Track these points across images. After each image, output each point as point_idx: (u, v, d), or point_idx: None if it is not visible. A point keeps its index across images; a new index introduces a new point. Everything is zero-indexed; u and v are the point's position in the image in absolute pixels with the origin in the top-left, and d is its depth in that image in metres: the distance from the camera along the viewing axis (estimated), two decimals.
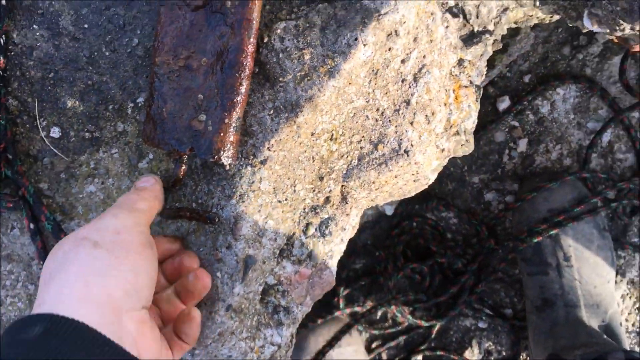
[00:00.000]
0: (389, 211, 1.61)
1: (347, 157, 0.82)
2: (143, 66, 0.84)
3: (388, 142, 0.81)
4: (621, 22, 0.84)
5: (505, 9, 0.95)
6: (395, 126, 0.81)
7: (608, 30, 0.92)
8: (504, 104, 1.56)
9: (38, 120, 0.85)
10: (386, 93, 0.80)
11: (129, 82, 0.84)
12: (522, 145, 1.58)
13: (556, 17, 1.00)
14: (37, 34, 0.85)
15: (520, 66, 1.57)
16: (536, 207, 1.45)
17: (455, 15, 0.86)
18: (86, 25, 0.84)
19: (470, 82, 0.88)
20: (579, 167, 1.57)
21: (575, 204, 1.42)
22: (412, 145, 0.81)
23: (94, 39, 0.84)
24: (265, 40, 0.77)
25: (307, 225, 0.84)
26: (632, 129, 1.54)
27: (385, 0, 0.75)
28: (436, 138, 0.83)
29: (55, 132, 0.86)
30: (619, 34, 0.91)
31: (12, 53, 0.85)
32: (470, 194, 1.64)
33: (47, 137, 0.85)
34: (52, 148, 0.85)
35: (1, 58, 0.82)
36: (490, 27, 0.94)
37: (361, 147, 0.82)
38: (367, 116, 0.80)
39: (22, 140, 0.87)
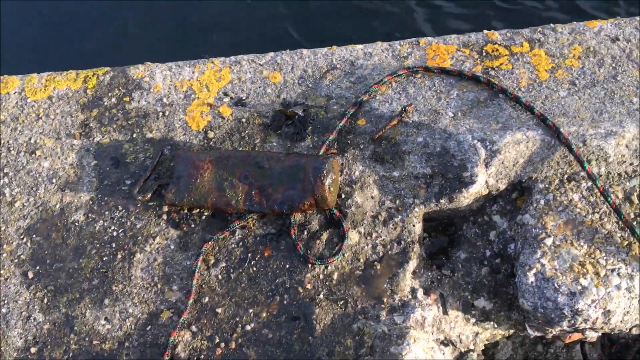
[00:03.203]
0: None
1: None
2: None
3: None
4: (547, 328, 1.36)
5: (477, 334, 1.47)
6: None
7: (544, 334, 1.43)
8: None
9: None
10: None
11: None
12: None
13: (511, 331, 1.52)
14: None
15: None
16: None
17: (446, 345, 1.38)
18: None
19: None
20: None
21: None
22: None
23: None
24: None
25: None
26: None
27: (404, 346, 1.27)
28: None
29: None
30: (550, 334, 1.42)
31: None
32: None
33: None
34: None
35: None
36: (472, 347, 1.45)
37: None
38: None
39: None
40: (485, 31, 1.66)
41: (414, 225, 1.44)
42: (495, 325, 1.49)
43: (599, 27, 1.60)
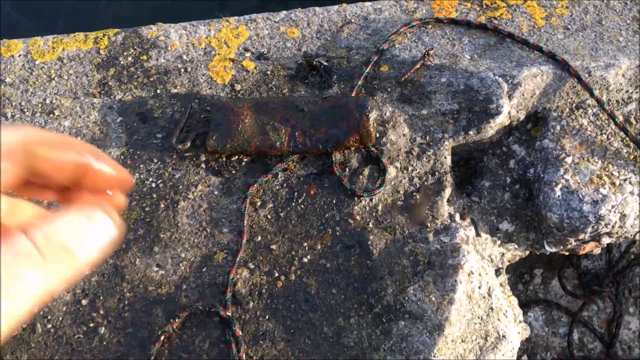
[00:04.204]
0: None
1: (473, 350, 1.35)
2: None
3: (492, 334, 1.36)
4: (570, 238, 1.55)
5: (503, 254, 1.63)
6: (491, 324, 1.37)
7: (561, 247, 1.62)
8: None
9: None
10: (479, 306, 1.38)
11: None
12: (524, 359, 2.13)
13: (527, 252, 1.69)
14: None
15: None
16: None
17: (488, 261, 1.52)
18: None
19: (510, 294, 1.50)
20: None
21: None
22: (505, 332, 1.37)
23: None
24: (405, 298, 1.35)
25: None
26: (589, 324, 2.18)
27: (460, 257, 1.40)
28: (515, 324, 1.40)
29: None
30: (568, 247, 1.61)
31: None
32: None
33: None
34: None
35: None
36: (501, 265, 1.61)
37: (478, 343, 1.36)
38: (474, 322, 1.37)
39: None
40: None
41: (445, 157, 1.58)
42: (516, 246, 1.65)
43: None
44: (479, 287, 1.41)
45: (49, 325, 1.42)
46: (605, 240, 1.57)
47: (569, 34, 1.70)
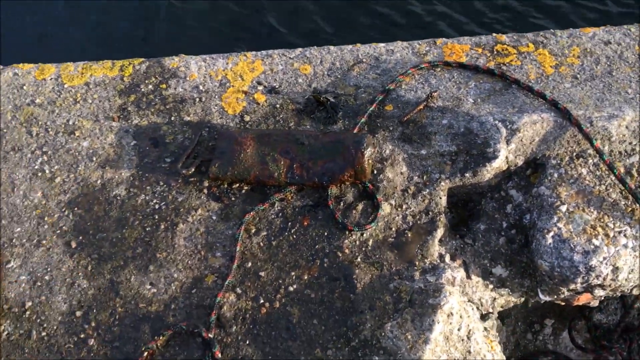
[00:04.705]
0: None
1: None
2: None
3: None
4: (561, 287, 1.52)
5: (495, 299, 1.61)
6: None
7: (555, 297, 1.59)
8: None
9: None
10: (456, 348, 1.38)
11: None
12: None
13: (522, 299, 1.67)
14: None
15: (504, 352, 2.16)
16: None
17: (473, 304, 1.51)
18: None
19: (494, 339, 1.48)
20: None
21: None
22: None
23: None
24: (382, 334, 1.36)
25: None
26: None
27: (441, 297, 1.40)
28: None
29: None
30: (561, 297, 1.58)
31: None
32: None
33: None
34: None
35: None
36: (491, 310, 1.59)
37: None
38: None
39: None
40: (494, 34, 1.86)
41: (440, 198, 1.59)
42: (510, 292, 1.63)
43: (593, 33, 1.83)
44: (458, 329, 1.41)
45: (44, 333, 1.50)
46: (599, 293, 1.53)
47: (577, 83, 1.70)
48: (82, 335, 1.49)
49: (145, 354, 1.44)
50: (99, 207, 1.66)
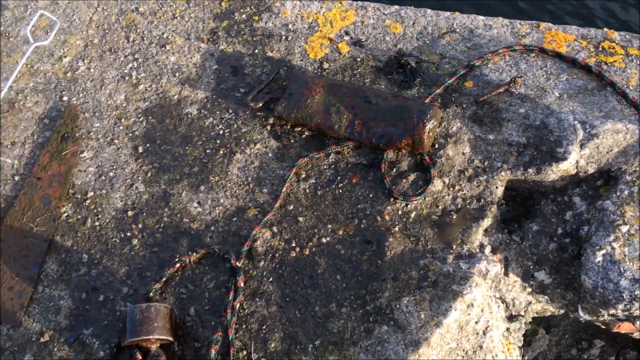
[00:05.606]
0: None
1: None
2: None
3: None
4: (601, 310, 1.43)
5: (530, 303, 1.55)
6: None
7: (595, 317, 1.50)
8: None
9: None
10: (468, 340, 1.35)
11: None
12: None
13: (561, 311, 1.59)
14: None
15: None
16: None
17: (502, 302, 1.47)
18: None
19: (514, 342, 1.44)
20: None
21: None
22: None
23: None
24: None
25: None
26: None
27: (466, 286, 1.37)
28: None
29: None
30: (601, 319, 1.49)
31: None
32: None
33: None
34: None
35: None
36: (522, 313, 1.54)
37: None
38: (457, 353, 1.34)
39: None
40: (605, 29, 1.71)
41: (496, 187, 1.53)
42: (549, 300, 1.56)
43: None
44: (476, 322, 1.38)
45: (97, 223, 1.63)
46: None
47: None
48: (128, 234, 1.60)
49: (178, 265, 1.53)
50: (170, 121, 1.74)
